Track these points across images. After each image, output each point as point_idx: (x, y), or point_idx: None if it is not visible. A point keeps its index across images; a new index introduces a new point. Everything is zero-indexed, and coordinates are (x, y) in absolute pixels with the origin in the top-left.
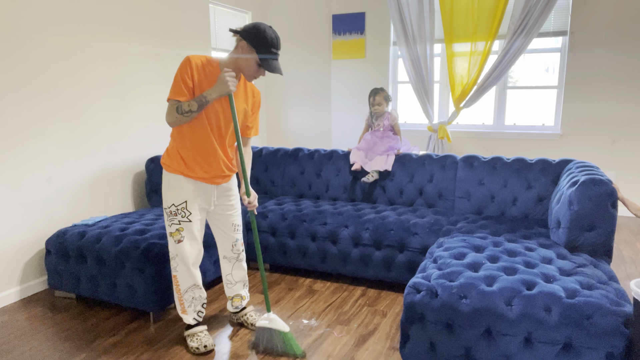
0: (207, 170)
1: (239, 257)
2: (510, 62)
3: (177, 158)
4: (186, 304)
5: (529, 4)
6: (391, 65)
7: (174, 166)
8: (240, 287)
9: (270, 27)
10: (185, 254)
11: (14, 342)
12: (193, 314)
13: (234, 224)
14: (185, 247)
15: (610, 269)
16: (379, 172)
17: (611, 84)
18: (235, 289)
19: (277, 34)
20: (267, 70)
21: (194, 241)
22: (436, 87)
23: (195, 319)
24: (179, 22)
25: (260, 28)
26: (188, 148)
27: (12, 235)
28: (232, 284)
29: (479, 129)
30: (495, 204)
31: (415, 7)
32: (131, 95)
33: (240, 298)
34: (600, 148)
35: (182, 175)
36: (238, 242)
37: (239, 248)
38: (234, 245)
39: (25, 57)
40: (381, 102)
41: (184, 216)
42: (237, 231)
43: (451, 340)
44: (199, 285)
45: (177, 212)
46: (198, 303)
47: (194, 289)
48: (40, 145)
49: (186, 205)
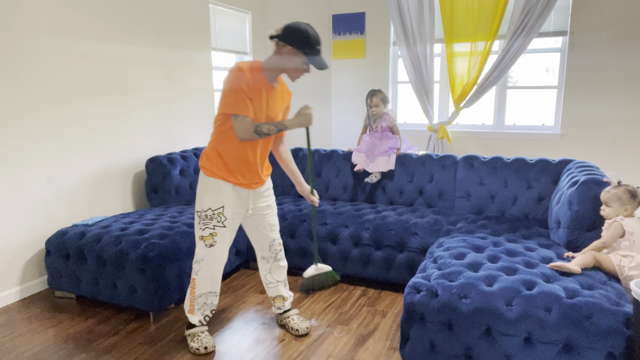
0: (247, 177)
1: (276, 257)
2: (510, 62)
3: (219, 163)
4: (196, 306)
5: (529, 4)
6: (391, 65)
7: (214, 170)
8: (282, 287)
9: (308, 24)
10: (213, 259)
11: (14, 342)
12: (200, 316)
13: (271, 224)
14: (216, 252)
15: None
16: (381, 172)
17: (611, 84)
18: (277, 290)
19: (315, 30)
20: (318, 68)
21: (225, 246)
22: (436, 87)
23: (201, 322)
24: (179, 22)
25: (301, 29)
26: (232, 155)
27: (12, 235)
28: (273, 284)
29: (479, 129)
30: (495, 204)
31: (415, 7)
32: (131, 95)
33: (282, 299)
34: (600, 148)
35: (223, 180)
36: (275, 242)
37: (276, 248)
38: (271, 245)
39: (26, 57)
40: (378, 104)
41: (219, 221)
42: (273, 231)
43: (451, 340)
44: (216, 293)
45: (212, 217)
46: (208, 309)
47: (209, 295)
48: (40, 146)
49: (223, 210)
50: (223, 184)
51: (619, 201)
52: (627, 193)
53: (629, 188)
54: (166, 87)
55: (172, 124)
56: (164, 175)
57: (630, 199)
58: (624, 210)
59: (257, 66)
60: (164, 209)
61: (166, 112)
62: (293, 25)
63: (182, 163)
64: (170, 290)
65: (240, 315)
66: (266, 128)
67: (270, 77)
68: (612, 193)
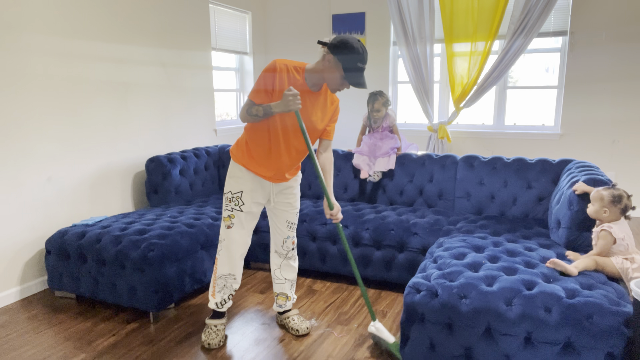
0: (268, 169)
1: (287, 254)
2: (510, 62)
3: (244, 150)
4: (217, 287)
5: (529, 4)
6: (391, 65)
7: (239, 156)
8: (288, 286)
9: (359, 41)
10: (231, 241)
11: (14, 342)
12: (219, 299)
13: (288, 221)
14: (233, 234)
15: None
16: (382, 172)
17: (611, 84)
18: (282, 287)
19: (364, 49)
20: (352, 85)
21: (242, 230)
22: (436, 87)
23: (217, 305)
24: (179, 22)
25: (348, 43)
26: (257, 144)
27: (12, 235)
28: (281, 280)
29: (479, 129)
30: (495, 204)
31: (415, 7)
32: (131, 95)
33: (285, 297)
34: (600, 148)
35: (245, 167)
36: (289, 240)
37: (288, 245)
38: (285, 241)
39: (26, 57)
40: (380, 109)
41: (237, 204)
42: (290, 228)
43: (451, 340)
44: (234, 276)
45: (232, 199)
46: (227, 292)
47: (228, 277)
48: (40, 146)
49: (241, 195)
50: (245, 171)
51: (600, 202)
52: (610, 197)
53: (614, 192)
54: (166, 87)
55: (172, 124)
56: (164, 175)
57: (611, 203)
58: (603, 212)
59: (301, 67)
60: (164, 209)
61: (166, 112)
62: (344, 37)
63: (182, 163)
64: (170, 290)
65: (240, 315)
66: (255, 109)
67: (310, 82)
68: (597, 192)
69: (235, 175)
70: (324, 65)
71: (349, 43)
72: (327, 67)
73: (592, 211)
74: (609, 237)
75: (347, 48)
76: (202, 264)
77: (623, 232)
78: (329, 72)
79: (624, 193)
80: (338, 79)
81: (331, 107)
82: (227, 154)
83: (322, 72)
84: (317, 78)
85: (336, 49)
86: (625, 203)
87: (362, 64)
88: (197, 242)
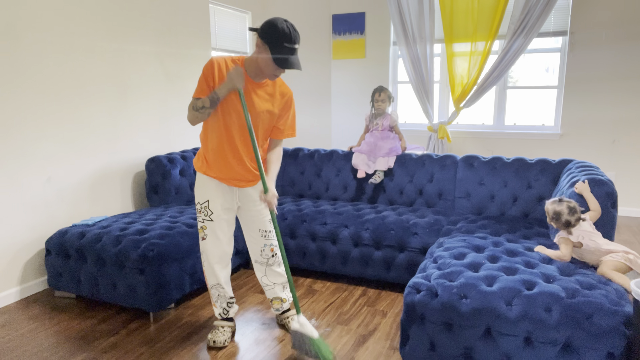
0: (224, 172)
1: (268, 262)
2: (510, 62)
3: (203, 159)
4: (213, 298)
5: (529, 4)
6: (391, 65)
7: (199, 165)
8: (280, 289)
9: (286, 20)
10: (207, 252)
11: (14, 342)
12: (220, 309)
13: (261, 230)
14: (208, 245)
15: None
16: (383, 172)
17: (611, 84)
18: (273, 292)
19: (292, 27)
20: (280, 67)
21: (216, 240)
22: (436, 87)
23: (221, 315)
24: (179, 22)
25: (272, 23)
26: (209, 148)
27: (12, 235)
28: (270, 286)
29: (479, 129)
30: (495, 204)
31: (415, 7)
32: (131, 95)
33: (279, 301)
34: (600, 148)
35: (205, 174)
36: (266, 248)
37: (267, 254)
38: (262, 250)
39: (25, 57)
40: (385, 100)
41: (206, 215)
42: (265, 237)
43: (451, 340)
44: (222, 285)
45: (201, 210)
46: (223, 301)
47: (217, 287)
48: (40, 145)
49: (208, 204)
50: (206, 179)
51: (547, 214)
52: (552, 213)
53: (556, 208)
54: (166, 86)
55: (172, 124)
56: (164, 175)
57: (552, 220)
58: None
59: (239, 59)
60: (164, 209)
61: (166, 111)
62: (270, 19)
63: (182, 163)
64: (170, 290)
65: (240, 315)
66: (200, 101)
67: (251, 72)
68: (545, 205)
69: (199, 185)
70: (257, 52)
71: (273, 23)
72: (258, 52)
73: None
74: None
75: (272, 29)
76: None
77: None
78: (261, 58)
79: (566, 209)
80: (270, 63)
81: (281, 99)
82: None
83: (256, 59)
84: (254, 67)
85: (262, 32)
86: (565, 219)
87: (290, 43)
88: (197, 242)
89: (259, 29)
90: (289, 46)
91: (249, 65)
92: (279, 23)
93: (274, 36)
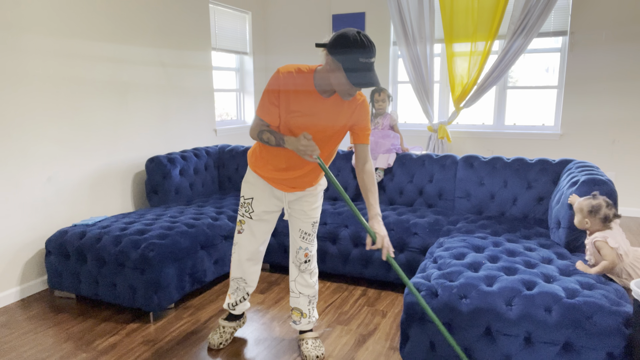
0: (279, 177)
1: (300, 267)
2: (510, 62)
3: (258, 156)
4: (231, 289)
5: (529, 4)
6: (391, 65)
7: (253, 162)
8: (304, 302)
9: (359, 32)
10: (240, 246)
11: (14, 342)
12: (233, 300)
13: (301, 230)
14: (243, 240)
15: None
16: (383, 171)
17: (611, 84)
18: (296, 301)
19: (367, 38)
20: (356, 86)
21: (252, 237)
22: (436, 87)
23: (230, 306)
24: (179, 22)
25: (343, 36)
26: (272, 154)
27: (12, 235)
28: (295, 294)
29: (479, 129)
30: (495, 204)
31: (415, 7)
32: (131, 95)
33: (299, 313)
34: (600, 148)
35: (257, 173)
36: (301, 251)
37: (300, 257)
38: (298, 252)
39: (25, 57)
40: (385, 99)
41: (247, 211)
42: (303, 239)
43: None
44: (245, 280)
45: (243, 204)
46: (240, 294)
47: (239, 281)
48: (41, 146)
49: (252, 202)
50: (257, 178)
51: (580, 212)
52: (589, 207)
53: (593, 202)
54: (166, 87)
55: (172, 124)
56: (164, 175)
57: (589, 214)
58: (585, 223)
59: (310, 68)
60: (164, 209)
61: (166, 112)
62: (341, 31)
63: (182, 163)
64: (170, 290)
65: None
66: (266, 136)
67: (321, 88)
68: (578, 203)
69: (248, 181)
70: (327, 69)
71: (345, 37)
72: (329, 70)
73: (577, 222)
74: (607, 246)
75: (344, 44)
76: (202, 264)
77: (617, 241)
78: (333, 77)
79: (603, 202)
80: (344, 82)
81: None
82: (227, 153)
83: (327, 77)
84: (325, 84)
85: (332, 47)
86: (604, 212)
87: (366, 58)
88: (197, 242)
89: (328, 45)
90: (364, 61)
91: (318, 80)
92: (352, 35)
93: (349, 51)
